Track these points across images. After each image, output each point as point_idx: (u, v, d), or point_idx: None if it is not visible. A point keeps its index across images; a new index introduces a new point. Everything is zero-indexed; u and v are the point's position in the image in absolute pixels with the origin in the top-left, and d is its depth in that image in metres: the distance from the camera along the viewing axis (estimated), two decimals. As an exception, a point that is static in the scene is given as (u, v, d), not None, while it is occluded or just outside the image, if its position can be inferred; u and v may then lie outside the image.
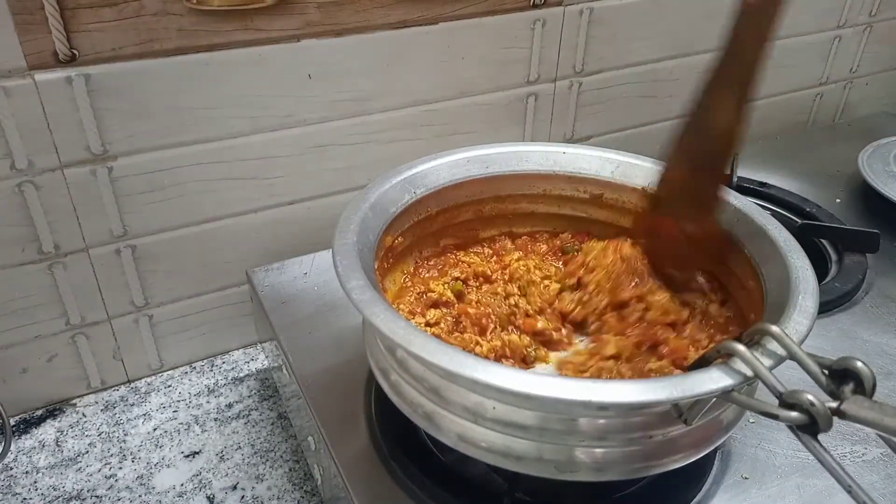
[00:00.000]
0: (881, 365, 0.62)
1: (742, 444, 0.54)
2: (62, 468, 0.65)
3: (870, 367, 0.36)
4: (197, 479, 0.64)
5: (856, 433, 0.55)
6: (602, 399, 0.38)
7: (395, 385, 0.48)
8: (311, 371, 0.59)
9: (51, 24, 0.56)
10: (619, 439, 0.43)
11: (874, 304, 0.69)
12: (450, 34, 0.73)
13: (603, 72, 0.85)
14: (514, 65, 0.78)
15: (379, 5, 0.68)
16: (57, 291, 0.66)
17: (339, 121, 0.71)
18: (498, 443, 0.44)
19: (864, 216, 0.83)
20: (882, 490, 0.51)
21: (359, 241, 0.49)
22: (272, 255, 0.72)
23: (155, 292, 0.71)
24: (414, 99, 0.74)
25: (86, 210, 0.64)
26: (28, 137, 0.59)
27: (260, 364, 0.76)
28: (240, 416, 0.70)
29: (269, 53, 0.65)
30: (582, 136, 0.88)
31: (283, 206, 0.73)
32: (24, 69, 0.57)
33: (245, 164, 0.69)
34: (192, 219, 0.69)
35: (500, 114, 0.80)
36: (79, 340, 0.69)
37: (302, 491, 0.63)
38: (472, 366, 0.40)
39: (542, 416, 0.42)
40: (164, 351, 0.75)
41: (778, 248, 0.51)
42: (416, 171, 0.58)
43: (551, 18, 0.77)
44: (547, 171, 0.62)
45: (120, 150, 0.63)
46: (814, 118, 1.09)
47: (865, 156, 0.90)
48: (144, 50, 0.60)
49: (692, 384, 0.39)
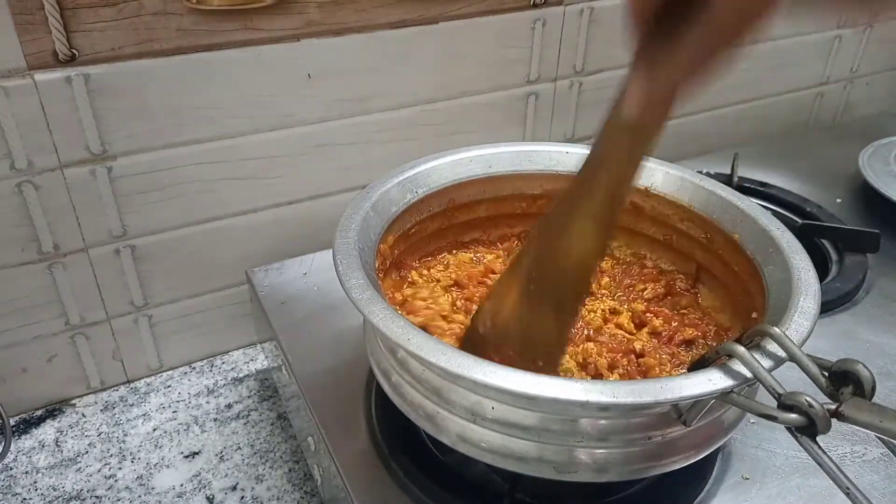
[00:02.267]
0: (881, 365, 0.62)
1: (743, 444, 0.54)
2: (62, 468, 0.65)
3: (869, 370, 0.36)
4: (196, 480, 0.64)
5: (856, 434, 0.55)
6: (600, 400, 0.38)
7: (395, 385, 0.48)
8: (310, 371, 0.59)
9: (51, 24, 0.56)
10: (618, 440, 0.43)
11: (874, 304, 0.69)
12: (450, 34, 0.73)
13: (603, 71, 0.85)
14: (514, 65, 0.78)
15: (379, 5, 0.68)
16: (56, 291, 0.66)
17: (339, 121, 0.71)
18: (498, 443, 0.44)
19: (864, 216, 0.83)
20: (882, 490, 0.51)
21: (359, 241, 0.49)
22: (272, 255, 0.72)
23: (154, 292, 0.71)
24: (414, 99, 0.74)
25: (85, 210, 0.64)
26: (28, 137, 0.59)
27: (260, 364, 0.76)
28: (239, 416, 0.70)
29: (269, 53, 0.65)
30: (582, 135, 0.88)
31: (283, 206, 0.73)
32: (24, 69, 0.57)
33: (245, 164, 0.69)
34: (192, 219, 0.69)
35: (500, 114, 0.80)
36: (78, 340, 0.69)
37: (302, 491, 0.63)
38: (471, 366, 0.39)
39: (541, 417, 0.42)
40: (164, 351, 0.74)
41: (780, 249, 0.51)
42: (418, 170, 0.58)
43: (551, 18, 0.77)
44: (550, 170, 0.62)
45: (120, 149, 0.63)
46: (814, 118, 1.09)
47: (866, 156, 0.90)
48: (144, 50, 0.60)
49: (691, 385, 0.39)
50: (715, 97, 0.97)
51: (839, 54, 1.04)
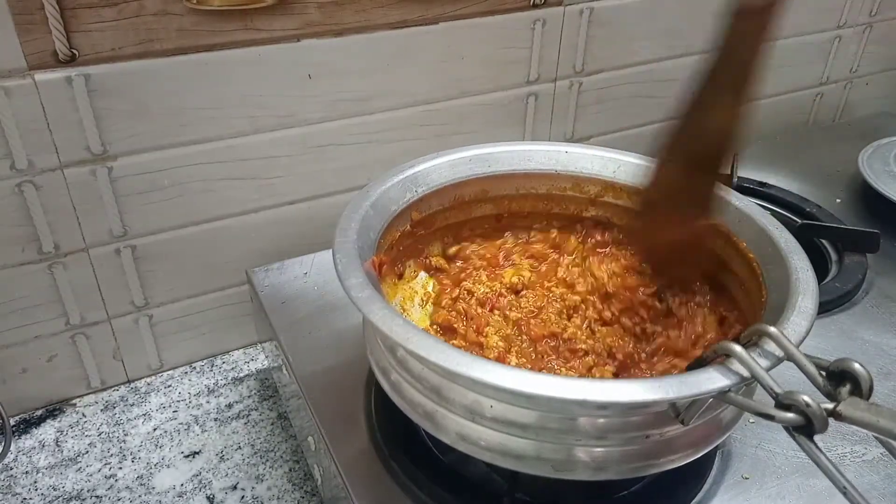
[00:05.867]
0: (880, 365, 0.62)
1: (742, 444, 0.54)
2: (62, 468, 0.65)
3: (867, 369, 0.36)
4: (197, 480, 0.64)
5: (855, 434, 0.55)
6: (598, 398, 0.38)
7: (395, 384, 0.48)
8: (311, 371, 0.59)
9: (51, 24, 0.56)
10: (616, 439, 0.43)
11: (874, 304, 0.69)
12: (450, 34, 0.73)
13: (603, 72, 0.85)
14: (514, 65, 0.78)
15: (379, 5, 0.68)
16: (57, 291, 0.66)
17: (339, 121, 0.71)
18: (496, 441, 0.44)
19: (864, 216, 0.83)
20: (882, 490, 0.51)
21: (359, 240, 0.49)
22: (272, 255, 0.72)
23: (155, 292, 0.71)
24: (414, 99, 0.74)
25: (86, 210, 0.64)
26: (28, 137, 0.59)
27: (260, 364, 0.77)
28: (240, 416, 0.70)
29: (269, 53, 0.65)
30: (582, 135, 0.88)
31: (283, 206, 0.73)
32: (24, 69, 0.57)
33: (245, 164, 0.69)
34: (192, 219, 0.69)
35: (500, 114, 0.80)
36: (79, 340, 0.69)
37: (302, 491, 0.63)
38: (469, 364, 0.40)
39: (539, 415, 0.42)
40: (164, 351, 0.75)
41: (779, 248, 0.51)
42: (417, 169, 0.58)
43: (551, 18, 0.78)
44: (549, 170, 0.62)
45: (120, 150, 0.63)
46: (814, 118, 1.09)
47: (865, 156, 0.90)
48: (144, 50, 0.60)
49: (689, 385, 0.39)
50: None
51: (839, 54, 1.04)
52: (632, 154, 0.61)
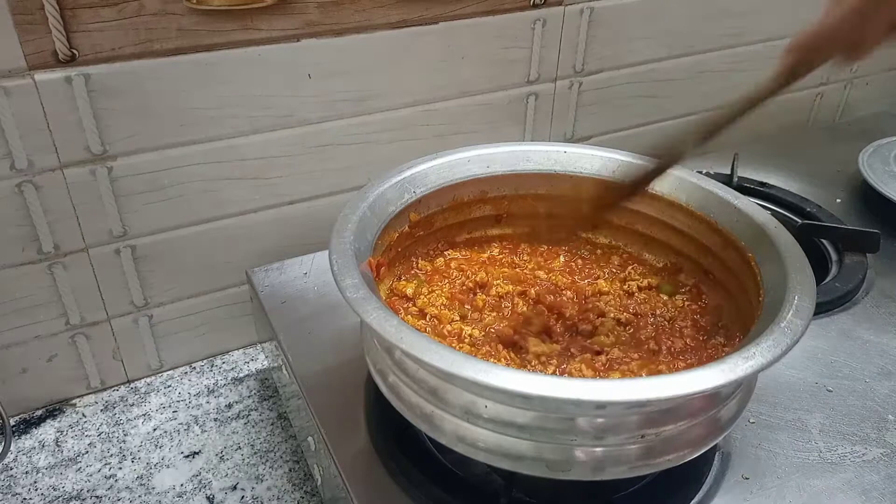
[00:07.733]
0: (880, 365, 0.61)
1: (742, 444, 0.54)
2: (62, 468, 0.65)
3: None
4: (197, 480, 0.64)
5: (855, 434, 0.55)
6: (595, 398, 0.38)
7: (392, 386, 0.48)
8: (310, 371, 0.59)
9: (51, 24, 0.56)
10: (612, 438, 0.43)
11: (874, 304, 0.69)
12: (450, 34, 0.73)
13: (603, 72, 0.85)
14: (514, 65, 0.78)
15: (379, 5, 0.68)
16: (57, 291, 0.66)
17: (339, 121, 0.71)
18: (494, 442, 0.44)
19: (864, 216, 0.83)
20: (882, 490, 0.51)
21: (356, 241, 0.49)
22: (272, 255, 0.72)
23: (155, 292, 0.71)
24: (414, 99, 0.74)
25: (86, 210, 0.64)
26: (28, 137, 0.59)
27: (260, 364, 0.77)
28: (240, 416, 0.70)
29: (269, 53, 0.65)
30: (582, 135, 0.88)
31: (283, 206, 0.73)
32: (24, 69, 0.57)
33: (245, 164, 0.69)
34: (192, 219, 0.69)
35: (500, 114, 0.80)
36: (79, 340, 0.69)
37: (302, 491, 0.63)
38: (463, 364, 0.40)
39: (534, 415, 0.42)
40: (164, 351, 0.75)
41: (777, 247, 0.51)
42: (415, 170, 0.58)
43: (551, 18, 0.77)
44: (548, 170, 0.62)
45: (120, 150, 0.63)
46: (814, 118, 1.09)
47: (865, 156, 0.90)
48: (144, 50, 0.60)
49: (686, 384, 0.39)
50: (714, 97, 0.97)
51: (839, 54, 1.04)
52: (632, 154, 0.61)
